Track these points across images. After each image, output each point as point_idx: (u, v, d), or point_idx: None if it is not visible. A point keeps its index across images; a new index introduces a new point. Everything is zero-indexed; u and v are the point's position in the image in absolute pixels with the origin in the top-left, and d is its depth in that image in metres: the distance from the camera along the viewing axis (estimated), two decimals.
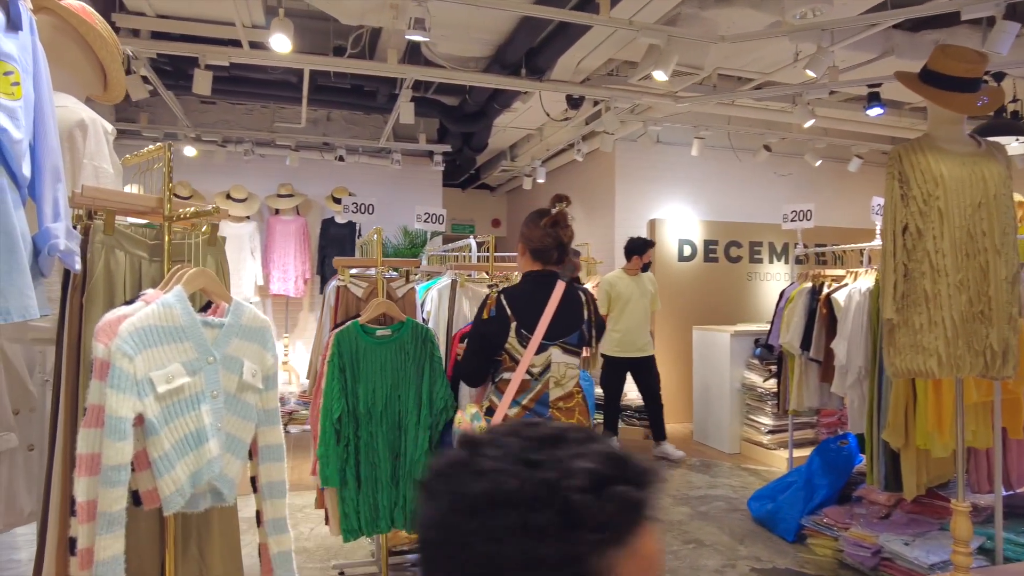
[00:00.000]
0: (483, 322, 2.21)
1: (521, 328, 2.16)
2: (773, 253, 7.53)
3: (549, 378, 2.19)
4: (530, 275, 2.30)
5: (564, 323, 2.21)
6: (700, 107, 5.42)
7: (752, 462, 5.42)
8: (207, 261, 1.85)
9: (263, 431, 1.76)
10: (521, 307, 2.18)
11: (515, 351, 2.17)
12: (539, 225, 2.27)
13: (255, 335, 1.70)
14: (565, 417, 2.19)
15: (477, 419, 2.20)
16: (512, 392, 2.15)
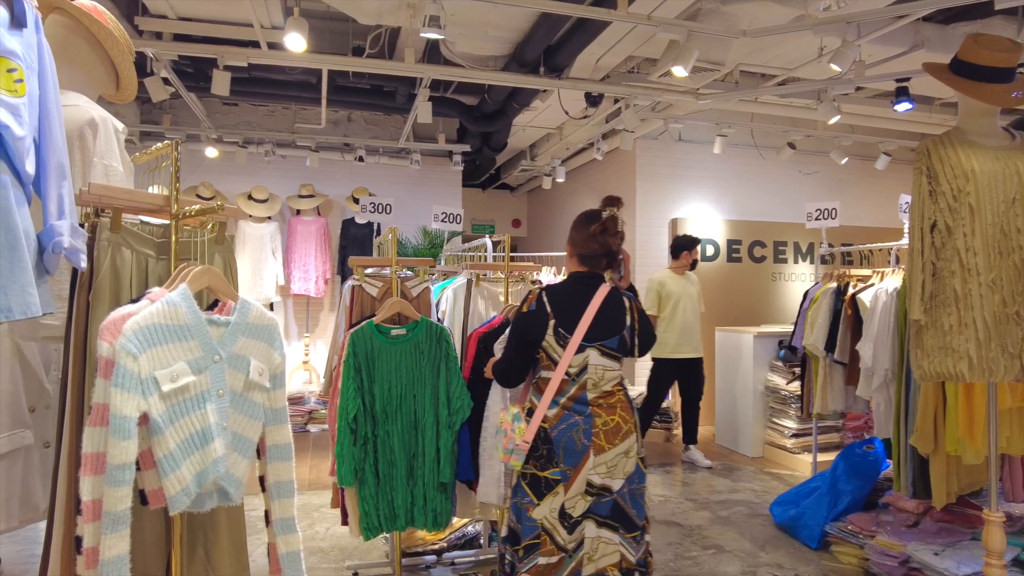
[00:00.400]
0: (522, 316, 2.17)
1: (559, 327, 2.12)
2: (798, 253, 7.39)
3: (587, 379, 2.14)
4: (575, 276, 2.26)
5: (605, 326, 2.16)
6: (722, 104, 5.33)
7: (775, 466, 5.31)
8: (214, 259, 1.84)
9: (271, 430, 1.74)
10: (561, 306, 2.14)
11: (552, 350, 2.13)
12: (588, 231, 2.22)
13: (262, 333, 1.68)
14: (606, 414, 2.14)
15: (518, 419, 2.16)
16: (552, 392, 2.11)
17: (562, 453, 2.09)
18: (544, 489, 2.11)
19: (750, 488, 4.75)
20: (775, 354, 5.59)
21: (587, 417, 2.12)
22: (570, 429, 2.10)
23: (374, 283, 3.03)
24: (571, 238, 2.28)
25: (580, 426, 2.11)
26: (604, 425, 2.13)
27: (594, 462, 2.10)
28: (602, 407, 2.15)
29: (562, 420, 2.11)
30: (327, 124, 7.12)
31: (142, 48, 3.96)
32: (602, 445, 2.11)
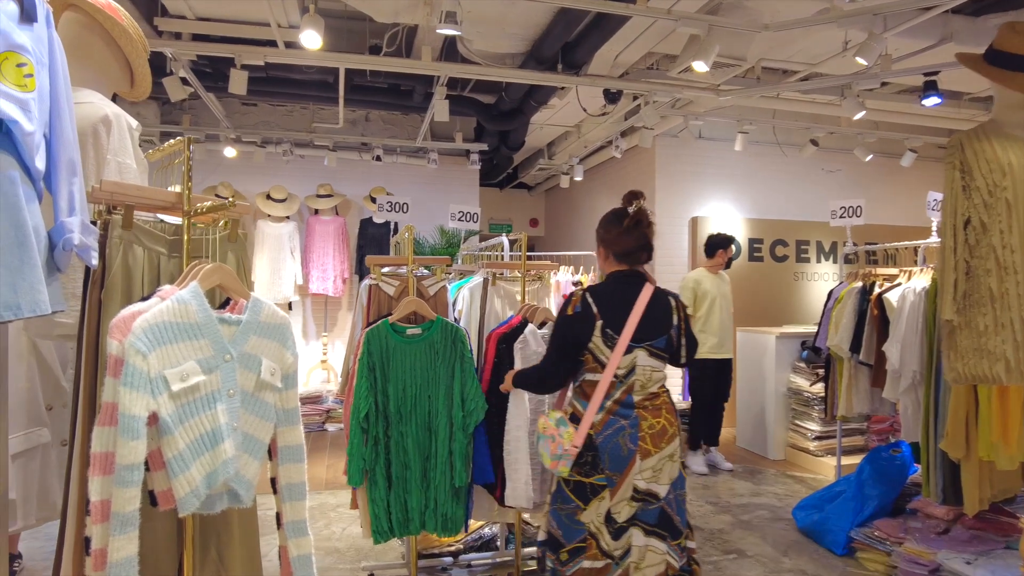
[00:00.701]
0: (567, 318, 2.09)
1: (607, 327, 2.06)
2: (821, 252, 7.26)
3: (634, 381, 2.08)
4: (616, 275, 2.19)
5: (652, 325, 2.10)
6: (743, 101, 5.24)
7: (798, 469, 5.21)
8: (227, 257, 1.82)
9: (282, 431, 1.71)
10: (607, 306, 2.08)
11: (599, 352, 2.06)
12: (621, 227, 2.16)
13: (274, 332, 1.66)
14: (652, 416, 2.08)
15: (563, 424, 2.08)
16: (600, 395, 2.05)
17: (607, 459, 2.04)
18: (590, 494, 2.06)
19: (772, 491, 4.66)
20: (798, 355, 5.48)
21: (633, 420, 2.06)
22: (616, 434, 2.05)
23: (391, 282, 3.00)
24: (602, 239, 2.23)
25: (626, 430, 2.05)
26: (650, 428, 2.07)
27: (640, 466, 2.05)
28: (648, 409, 2.09)
29: (607, 425, 2.05)
30: (345, 124, 7.13)
31: (160, 48, 3.98)
32: (648, 449, 2.06)
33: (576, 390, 2.15)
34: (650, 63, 5.23)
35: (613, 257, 2.20)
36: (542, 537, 2.20)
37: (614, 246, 2.18)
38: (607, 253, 2.21)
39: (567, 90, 5.23)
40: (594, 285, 2.18)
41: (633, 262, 2.19)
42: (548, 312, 2.78)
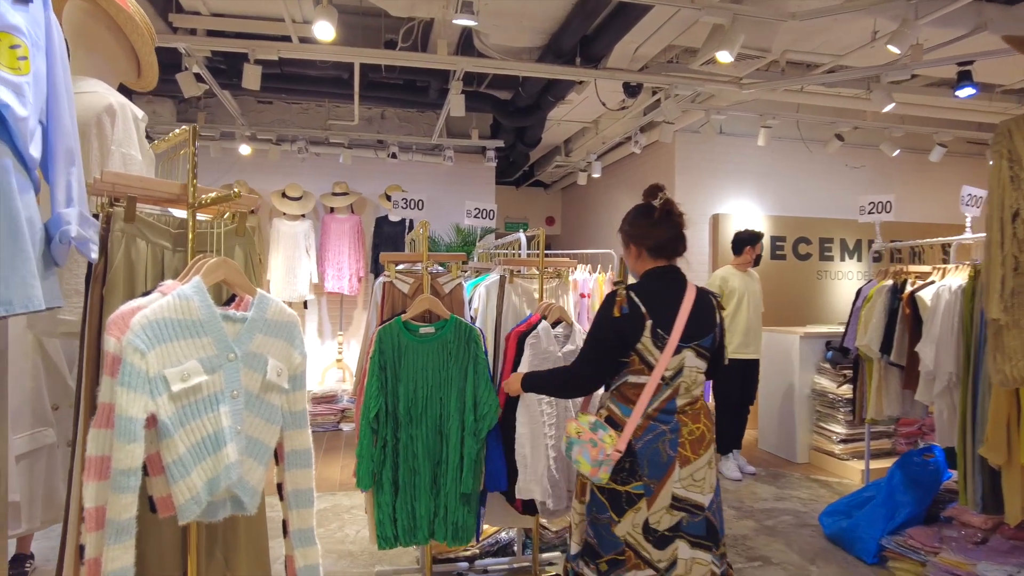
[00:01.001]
0: (614, 320, 1.94)
1: (657, 327, 1.93)
2: (845, 250, 7.09)
3: (680, 383, 1.98)
4: (654, 272, 2.06)
5: (699, 324, 2.00)
6: (767, 94, 5.10)
7: (823, 473, 5.06)
8: (234, 252, 1.75)
9: (289, 435, 1.64)
10: (654, 305, 1.95)
11: (648, 353, 1.94)
12: (652, 220, 2.05)
13: (281, 330, 1.58)
14: (691, 422, 1.98)
15: (602, 428, 1.95)
16: (647, 398, 1.93)
17: (646, 465, 1.93)
18: (625, 504, 1.94)
19: (796, 496, 4.52)
20: (822, 355, 5.33)
21: (674, 426, 1.96)
22: (656, 440, 1.94)
23: (405, 279, 2.92)
24: (631, 235, 2.10)
25: (666, 436, 1.95)
26: (690, 434, 1.97)
27: (679, 474, 1.95)
28: (687, 414, 1.99)
29: (648, 430, 1.95)
30: (361, 121, 7.08)
31: (174, 44, 3.94)
32: (688, 456, 1.96)
33: (614, 393, 2.03)
34: (670, 57, 5.11)
35: (647, 253, 2.08)
36: (575, 550, 2.10)
37: (646, 240, 2.06)
38: (639, 250, 2.09)
39: (585, 85, 5.12)
40: (635, 284, 2.05)
41: (670, 255, 2.07)
42: (563, 311, 2.69)
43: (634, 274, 2.14)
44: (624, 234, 2.14)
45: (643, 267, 2.09)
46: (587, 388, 2.15)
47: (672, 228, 2.04)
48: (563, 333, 2.66)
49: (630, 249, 2.12)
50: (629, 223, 2.12)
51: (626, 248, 2.14)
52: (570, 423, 2.02)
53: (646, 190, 2.12)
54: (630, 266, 2.16)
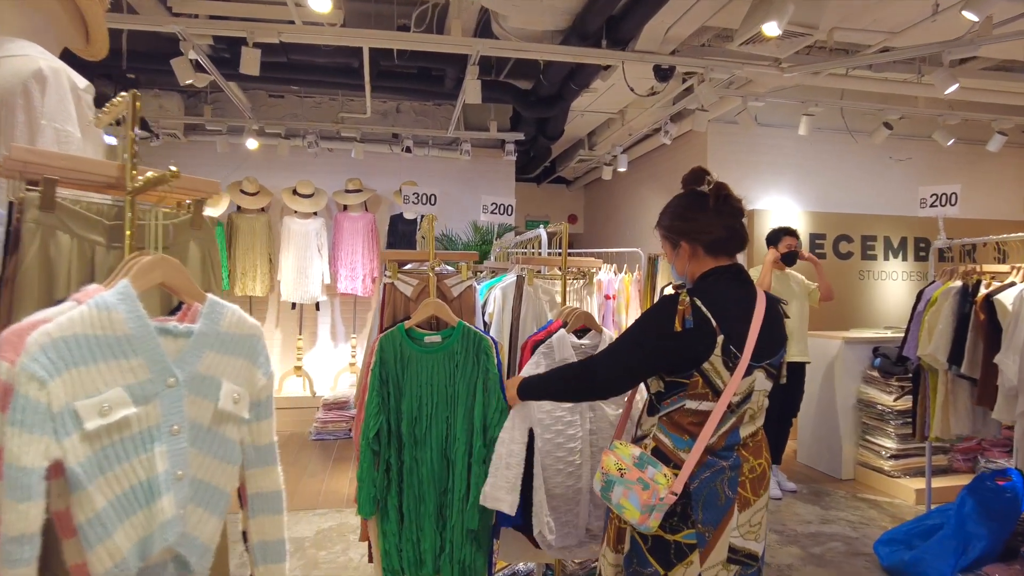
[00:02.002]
0: (675, 335, 1.56)
1: (730, 344, 1.56)
2: (889, 249, 6.63)
3: (746, 410, 1.63)
4: (715, 274, 1.67)
5: (771, 338, 1.65)
6: (809, 79, 4.68)
7: (870, 491, 4.64)
8: (188, 249, 1.43)
9: (253, 474, 1.32)
10: (725, 315, 1.58)
11: (716, 374, 1.57)
12: (707, 209, 1.67)
13: (239, 346, 1.26)
14: (753, 457, 1.63)
15: (651, 464, 1.57)
16: (711, 429, 1.56)
17: (700, 509, 1.57)
18: (674, 558, 1.58)
19: (844, 518, 4.12)
20: (869, 363, 4.92)
21: (735, 461, 1.60)
22: (714, 478, 1.58)
23: (409, 281, 2.60)
24: (683, 231, 1.71)
25: (725, 473, 1.58)
26: (751, 471, 1.62)
27: (738, 520, 1.59)
28: (750, 448, 1.63)
29: (705, 467, 1.58)
30: (375, 115, 6.79)
31: (168, 28, 3.66)
32: (748, 497, 1.60)
33: (665, 421, 1.65)
34: (704, 40, 4.73)
35: (703, 250, 1.69)
36: None
37: (703, 235, 1.68)
38: (693, 248, 1.70)
39: (611, 71, 4.76)
40: (697, 288, 1.66)
41: (732, 251, 1.70)
42: (590, 317, 2.34)
43: (684, 278, 1.76)
44: (669, 230, 1.76)
45: (700, 268, 1.70)
46: (605, 391, 1.79)
47: (733, 217, 1.68)
48: (590, 343, 2.31)
49: (681, 248, 1.72)
50: (677, 216, 1.74)
51: (673, 247, 1.75)
52: (608, 456, 1.65)
53: (687, 176, 1.75)
54: (679, 269, 1.76)
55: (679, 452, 1.60)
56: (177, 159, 6.54)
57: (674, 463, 1.59)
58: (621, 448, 1.64)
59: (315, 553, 3.51)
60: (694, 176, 1.73)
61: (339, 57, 4.75)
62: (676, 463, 1.59)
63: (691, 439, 1.59)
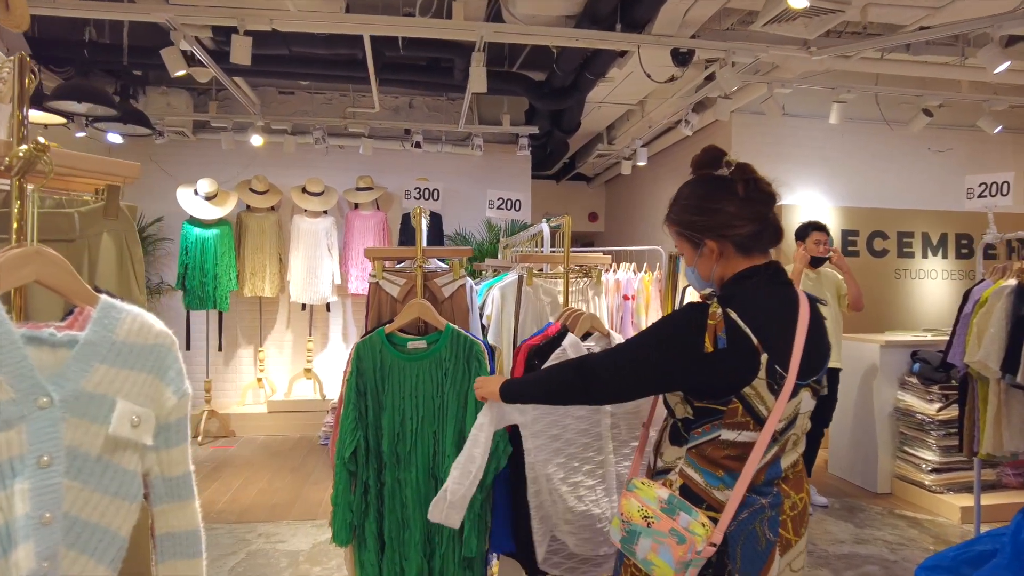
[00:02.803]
0: (706, 359, 1.26)
1: (776, 363, 1.28)
2: (927, 245, 6.23)
3: (789, 437, 1.36)
4: (748, 276, 1.37)
5: (817, 349, 1.37)
6: (840, 63, 4.35)
7: (909, 507, 4.30)
8: (101, 242, 1.22)
9: (163, 511, 1.11)
10: (766, 329, 1.28)
11: (759, 400, 1.28)
12: (735, 196, 1.36)
13: (142, 358, 1.04)
14: (794, 491, 1.36)
15: (684, 510, 1.29)
16: (754, 464, 1.28)
17: (739, 557, 1.30)
18: None
19: (880, 537, 3.79)
20: (907, 368, 4.57)
21: (775, 498, 1.33)
22: (753, 519, 1.30)
23: (396, 280, 2.37)
24: (705, 224, 1.40)
25: (765, 512, 1.31)
26: (792, 508, 1.35)
27: (779, 565, 1.33)
28: (791, 481, 1.36)
29: (743, 506, 1.30)
30: (386, 111, 6.61)
31: (157, 16, 3.49)
32: (789, 539, 1.34)
33: (695, 454, 1.35)
34: (725, 25, 4.43)
35: (734, 249, 1.38)
36: None
37: (733, 230, 1.37)
38: (720, 246, 1.39)
39: (627, 58, 4.49)
40: (728, 295, 1.36)
41: (766, 246, 1.40)
42: (595, 319, 2.08)
43: (708, 283, 1.45)
44: (688, 227, 1.43)
45: (730, 270, 1.40)
46: (601, 397, 1.48)
47: (765, 205, 1.38)
48: (594, 348, 2.05)
49: (706, 248, 1.40)
50: (696, 209, 1.42)
51: (695, 247, 1.43)
52: (628, 500, 1.36)
53: (699, 158, 1.44)
54: (703, 272, 1.44)
55: (712, 491, 1.31)
56: (184, 157, 6.44)
57: (707, 504, 1.30)
58: (644, 489, 1.35)
59: (308, 569, 3.31)
60: (708, 157, 1.43)
61: (342, 48, 4.55)
62: (710, 504, 1.30)
63: (727, 475, 1.30)
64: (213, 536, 3.65)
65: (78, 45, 4.70)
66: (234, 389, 6.53)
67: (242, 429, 6.08)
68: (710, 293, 1.36)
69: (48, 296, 1.12)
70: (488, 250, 6.07)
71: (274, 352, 6.61)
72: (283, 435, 6.09)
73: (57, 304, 1.17)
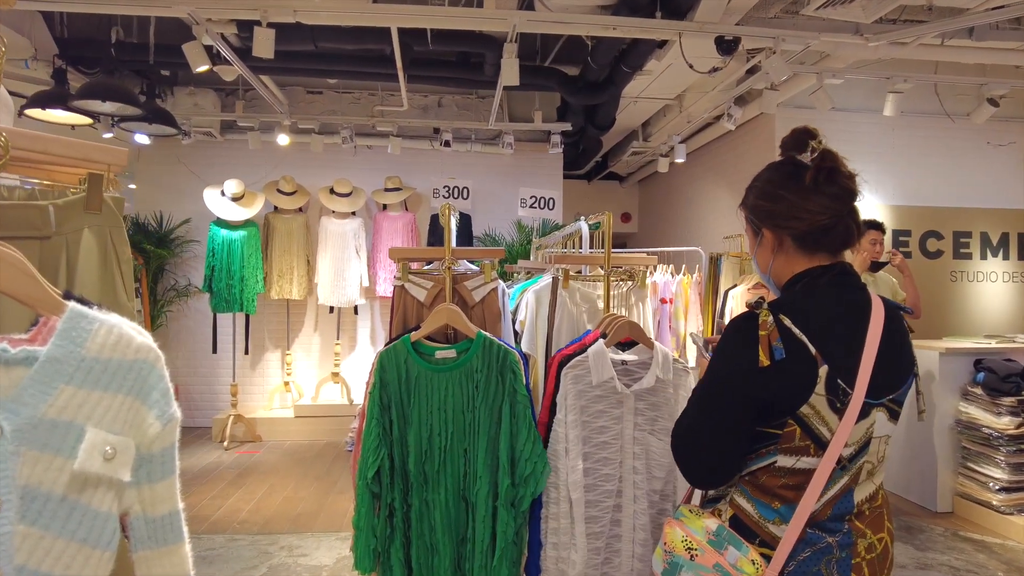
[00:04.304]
0: (763, 372, 1.09)
1: (836, 377, 1.10)
2: (987, 246, 5.86)
3: (862, 465, 1.15)
4: (812, 278, 1.19)
5: (895, 363, 1.17)
6: (896, 51, 4.06)
7: (975, 528, 3.98)
8: (82, 239, 1.05)
9: (146, 558, 0.94)
10: (827, 337, 1.11)
11: (818, 419, 1.10)
12: (801, 184, 1.18)
13: (118, 377, 0.88)
14: (872, 530, 1.16)
15: (733, 544, 1.13)
16: (815, 494, 1.10)
17: None
18: None
19: (944, 562, 3.50)
20: (970, 378, 4.25)
21: (845, 537, 1.13)
22: (818, 559, 1.11)
23: (423, 283, 2.20)
24: (766, 211, 1.23)
25: (833, 554, 1.12)
26: (869, 550, 1.14)
27: None
28: (866, 517, 1.16)
29: (805, 543, 1.11)
30: (415, 110, 6.47)
31: (178, 12, 3.38)
32: None
33: (747, 482, 1.17)
34: (771, 13, 4.17)
35: (793, 243, 1.20)
36: None
37: (793, 221, 1.19)
38: (778, 238, 1.22)
39: (667, 48, 4.26)
40: (784, 301, 1.18)
41: (835, 247, 1.20)
42: (636, 328, 1.87)
43: (772, 281, 1.28)
44: (752, 211, 1.27)
45: (789, 269, 1.22)
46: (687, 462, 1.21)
47: (839, 200, 1.17)
48: (636, 360, 1.85)
49: (764, 238, 1.24)
50: (763, 193, 1.24)
51: (753, 232, 1.28)
52: (672, 529, 1.19)
53: (787, 139, 1.24)
54: (761, 264, 1.27)
55: (767, 524, 1.13)
56: (211, 158, 6.38)
57: (761, 539, 1.13)
58: (691, 518, 1.18)
59: None
60: (795, 139, 1.23)
61: (370, 42, 4.41)
62: (764, 539, 1.13)
63: (784, 507, 1.12)
64: (235, 548, 3.53)
65: (106, 45, 4.64)
66: (260, 393, 6.44)
67: (268, 434, 5.98)
68: (757, 301, 1.16)
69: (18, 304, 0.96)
70: (518, 252, 5.88)
71: (301, 355, 6.51)
72: (309, 440, 5.97)
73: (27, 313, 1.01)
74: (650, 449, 1.79)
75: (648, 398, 1.81)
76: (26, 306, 0.86)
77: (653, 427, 1.80)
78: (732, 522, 1.16)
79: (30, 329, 0.90)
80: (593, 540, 1.76)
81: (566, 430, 1.78)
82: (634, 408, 1.80)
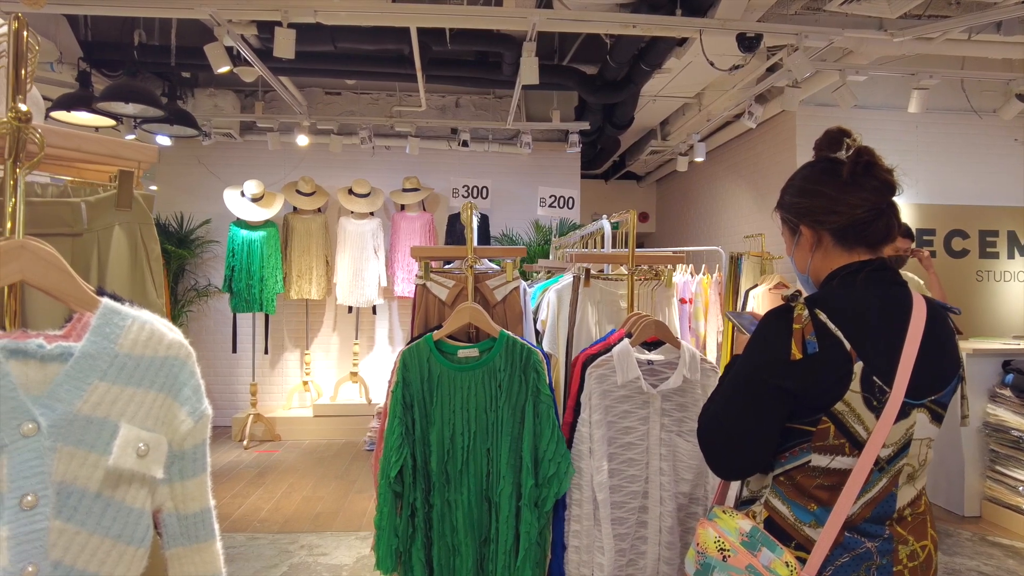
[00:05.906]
0: (795, 366, 1.08)
1: (872, 374, 1.08)
2: (1014, 245, 5.76)
3: (901, 467, 1.13)
4: (850, 274, 1.16)
5: (938, 363, 1.14)
6: (921, 46, 3.99)
7: (1004, 533, 3.90)
8: (112, 237, 1.06)
9: (178, 555, 0.94)
10: (863, 333, 1.09)
11: (853, 417, 1.08)
12: (838, 180, 1.16)
13: (150, 374, 0.88)
14: (914, 537, 1.13)
15: (767, 546, 1.10)
16: (851, 496, 1.08)
17: None
18: None
19: (973, 568, 3.43)
20: (999, 379, 4.17)
21: (885, 543, 1.10)
22: (856, 565, 1.08)
23: (444, 282, 2.19)
24: (803, 208, 1.21)
25: (873, 560, 1.09)
26: (911, 558, 1.11)
27: None
28: (908, 523, 1.13)
29: (843, 548, 1.08)
30: (433, 110, 6.48)
31: (199, 13, 3.41)
32: None
33: (781, 482, 1.15)
34: (793, 10, 4.13)
35: (831, 239, 1.19)
36: None
37: (832, 216, 1.17)
38: (816, 234, 1.20)
39: (687, 46, 4.23)
40: (821, 296, 1.17)
41: (875, 241, 1.18)
42: (663, 327, 1.85)
43: (808, 279, 1.26)
44: (788, 209, 1.25)
45: (827, 265, 1.20)
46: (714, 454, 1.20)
47: (878, 194, 1.15)
48: (663, 360, 1.83)
49: (801, 235, 1.23)
50: (799, 191, 1.23)
51: (790, 232, 1.26)
52: (705, 529, 1.17)
53: (820, 140, 1.22)
54: (799, 263, 1.26)
55: (803, 527, 1.11)
56: (231, 159, 6.44)
57: (796, 542, 1.11)
58: (725, 519, 1.16)
59: None
60: (830, 139, 1.21)
61: (388, 42, 4.42)
62: (800, 543, 1.10)
63: (820, 509, 1.10)
64: (255, 547, 3.54)
65: (129, 48, 4.70)
66: (280, 392, 6.49)
67: (287, 433, 6.02)
68: (792, 294, 1.16)
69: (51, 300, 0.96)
70: (536, 251, 5.86)
71: (320, 355, 6.55)
72: (328, 440, 6.00)
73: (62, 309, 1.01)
74: (677, 451, 1.76)
75: (675, 398, 1.79)
76: (61, 302, 0.87)
77: (680, 428, 1.78)
78: (767, 524, 1.14)
79: (64, 325, 0.90)
80: (619, 541, 1.74)
81: (590, 430, 1.77)
82: (661, 409, 1.78)
